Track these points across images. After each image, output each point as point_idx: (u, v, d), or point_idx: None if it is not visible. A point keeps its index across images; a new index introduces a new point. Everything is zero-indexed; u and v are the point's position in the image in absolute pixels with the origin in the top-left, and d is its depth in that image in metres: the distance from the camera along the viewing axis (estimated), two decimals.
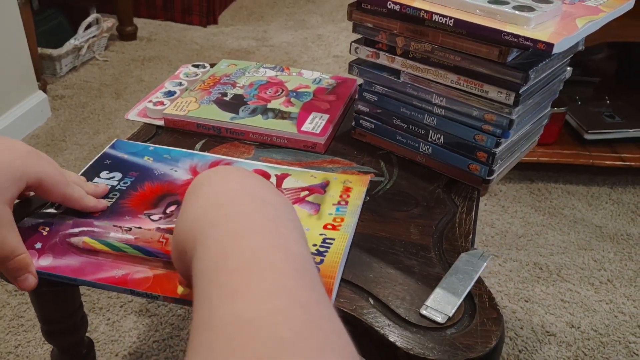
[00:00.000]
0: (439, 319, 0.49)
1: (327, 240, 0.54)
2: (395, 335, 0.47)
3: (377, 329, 0.48)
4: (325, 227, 0.56)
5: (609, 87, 1.72)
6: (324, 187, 0.63)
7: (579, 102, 1.62)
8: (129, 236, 0.53)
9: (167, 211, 0.58)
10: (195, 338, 0.30)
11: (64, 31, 2.12)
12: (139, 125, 0.78)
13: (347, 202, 0.60)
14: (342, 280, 0.53)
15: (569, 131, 1.56)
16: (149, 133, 0.75)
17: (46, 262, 0.50)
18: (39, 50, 1.84)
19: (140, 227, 0.55)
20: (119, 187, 0.61)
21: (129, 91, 1.91)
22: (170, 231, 0.54)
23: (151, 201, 0.59)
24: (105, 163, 0.65)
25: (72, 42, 1.96)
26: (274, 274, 0.32)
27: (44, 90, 1.77)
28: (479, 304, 0.51)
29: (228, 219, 0.37)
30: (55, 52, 1.90)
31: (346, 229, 0.56)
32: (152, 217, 0.57)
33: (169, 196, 0.60)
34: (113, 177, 0.63)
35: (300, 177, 0.64)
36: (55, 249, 0.52)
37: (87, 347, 0.77)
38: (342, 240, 0.54)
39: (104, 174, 0.63)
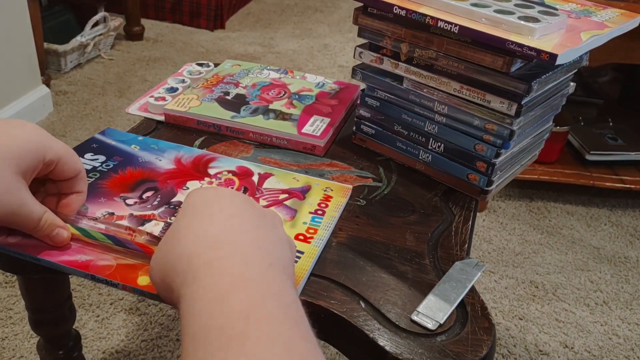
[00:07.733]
0: (430, 325, 0.48)
1: (296, 254, 0.52)
2: (384, 340, 0.47)
3: (366, 332, 0.47)
4: (297, 237, 0.55)
5: (612, 109, 1.72)
6: (304, 192, 0.62)
7: (582, 123, 1.62)
8: (101, 225, 0.52)
9: (143, 196, 0.58)
10: None
11: (71, 28, 2.13)
12: (140, 120, 0.78)
13: (324, 213, 0.59)
14: (334, 282, 0.52)
15: (571, 151, 1.56)
16: (148, 127, 0.75)
17: (14, 239, 0.50)
18: (45, 45, 1.85)
19: (112, 213, 0.54)
20: (100, 168, 0.62)
21: (132, 90, 1.91)
22: (141, 220, 0.54)
23: (129, 185, 0.60)
24: (92, 146, 0.66)
25: (78, 39, 1.97)
26: (271, 322, 0.33)
27: (48, 85, 1.77)
28: (471, 312, 0.50)
29: (225, 261, 0.37)
30: (61, 47, 1.90)
31: (317, 243, 0.55)
32: (127, 200, 0.57)
33: (148, 182, 0.60)
34: (97, 159, 0.63)
35: (283, 179, 0.64)
36: None
37: (73, 339, 0.76)
38: (310, 255, 0.53)
39: (88, 156, 0.64)
